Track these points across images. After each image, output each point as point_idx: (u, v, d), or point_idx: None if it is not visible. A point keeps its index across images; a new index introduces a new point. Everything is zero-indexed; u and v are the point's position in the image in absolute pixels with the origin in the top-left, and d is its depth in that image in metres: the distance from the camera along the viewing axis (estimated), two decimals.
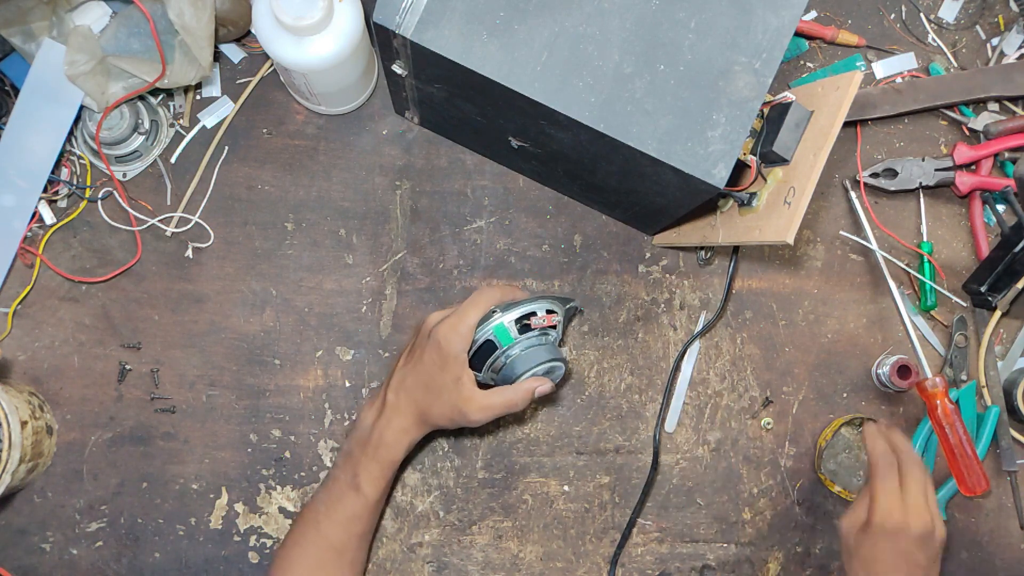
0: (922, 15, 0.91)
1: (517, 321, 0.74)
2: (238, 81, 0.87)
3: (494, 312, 0.73)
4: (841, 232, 0.88)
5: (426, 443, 0.85)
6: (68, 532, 0.82)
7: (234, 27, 0.82)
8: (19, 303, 0.83)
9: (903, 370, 0.84)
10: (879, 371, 0.86)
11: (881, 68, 0.90)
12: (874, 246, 0.85)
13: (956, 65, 0.90)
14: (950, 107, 0.89)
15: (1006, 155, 0.88)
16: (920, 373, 0.83)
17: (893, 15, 0.91)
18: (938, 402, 0.81)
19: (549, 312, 0.74)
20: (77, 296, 0.84)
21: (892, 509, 0.69)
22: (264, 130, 0.86)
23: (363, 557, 0.78)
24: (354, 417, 0.85)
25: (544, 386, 0.73)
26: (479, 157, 0.87)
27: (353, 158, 0.87)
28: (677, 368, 0.87)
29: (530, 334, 0.74)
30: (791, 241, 0.64)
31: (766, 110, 0.71)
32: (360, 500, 0.74)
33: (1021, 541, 0.87)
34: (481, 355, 0.74)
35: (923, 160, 0.88)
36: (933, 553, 0.70)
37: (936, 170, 0.88)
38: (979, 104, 0.89)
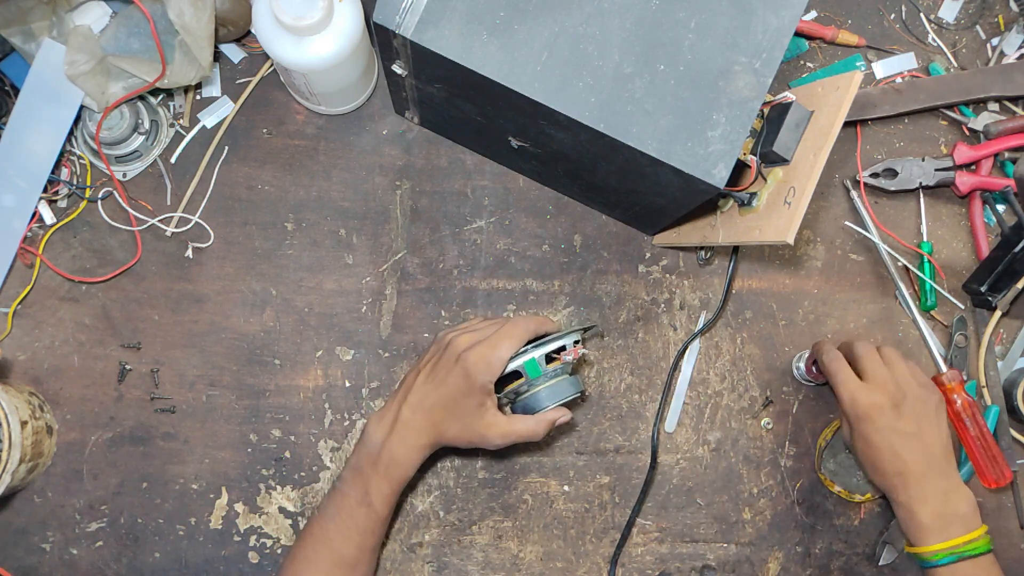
0: (922, 15, 0.91)
1: (546, 355, 0.73)
2: (238, 81, 0.87)
3: (526, 346, 0.73)
4: (845, 223, 0.88)
5: None
6: (68, 532, 0.82)
7: (234, 27, 0.82)
8: (19, 303, 0.83)
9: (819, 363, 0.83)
10: (797, 364, 0.86)
11: (881, 68, 0.90)
12: (876, 238, 0.86)
13: (956, 65, 0.90)
14: (950, 107, 0.89)
15: (1006, 155, 0.88)
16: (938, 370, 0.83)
17: (893, 15, 0.91)
18: (956, 396, 0.81)
19: (576, 343, 0.75)
20: (77, 296, 0.84)
21: (886, 380, 0.77)
22: (264, 130, 0.87)
23: (374, 567, 0.78)
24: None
25: (565, 417, 0.74)
26: (479, 157, 0.87)
27: (353, 158, 0.87)
28: (677, 368, 0.87)
29: (556, 366, 0.74)
30: (791, 241, 0.64)
31: (766, 110, 0.71)
32: (372, 516, 0.73)
33: (1021, 541, 0.87)
34: (505, 379, 0.74)
35: (923, 160, 0.88)
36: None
37: (936, 170, 0.88)
38: (979, 104, 0.89)
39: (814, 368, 0.83)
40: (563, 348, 0.74)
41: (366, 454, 0.73)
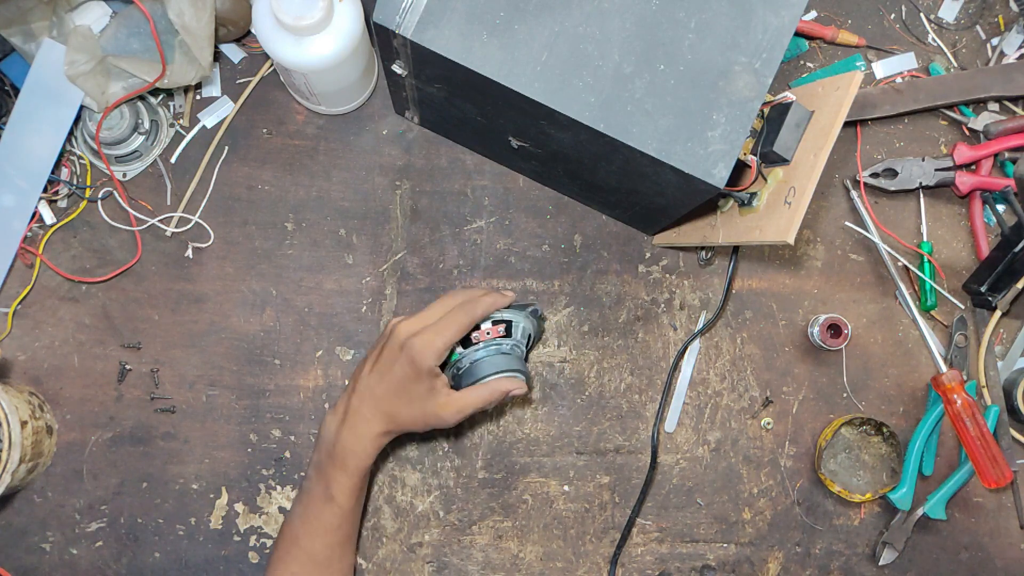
0: (922, 15, 0.91)
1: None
2: (238, 81, 0.87)
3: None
4: (845, 223, 0.88)
5: (426, 443, 0.85)
6: (68, 532, 0.82)
7: (234, 27, 0.82)
8: (19, 303, 0.83)
9: (833, 328, 0.85)
10: (812, 329, 0.87)
11: (881, 68, 0.90)
12: (876, 238, 0.86)
13: (956, 65, 0.90)
14: (950, 107, 0.89)
15: (1006, 155, 0.88)
16: (937, 368, 0.83)
17: (893, 15, 0.91)
18: (955, 396, 0.81)
19: (496, 323, 0.74)
20: (77, 296, 0.84)
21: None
22: (264, 130, 0.87)
23: (349, 561, 0.77)
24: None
25: (518, 389, 0.73)
26: (479, 157, 0.87)
27: (353, 158, 0.87)
28: (677, 368, 0.87)
29: (478, 346, 0.74)
30: (791, 241, 0.64)
31: (766, 110, 0.71)
32: (336, 511, 0.73)
33: (1021, 541, 0.87)
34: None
35: (923, 160, 0.88)
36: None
37: (936, 170, 0.88)
38: (979, 104, 0.89)
39: (828, 333, 0.85)
40: (477, 328, 0.73)
41: (324, 449, 0.74)
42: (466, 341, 0.74)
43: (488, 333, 0.74)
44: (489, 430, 0.86)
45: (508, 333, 0.75)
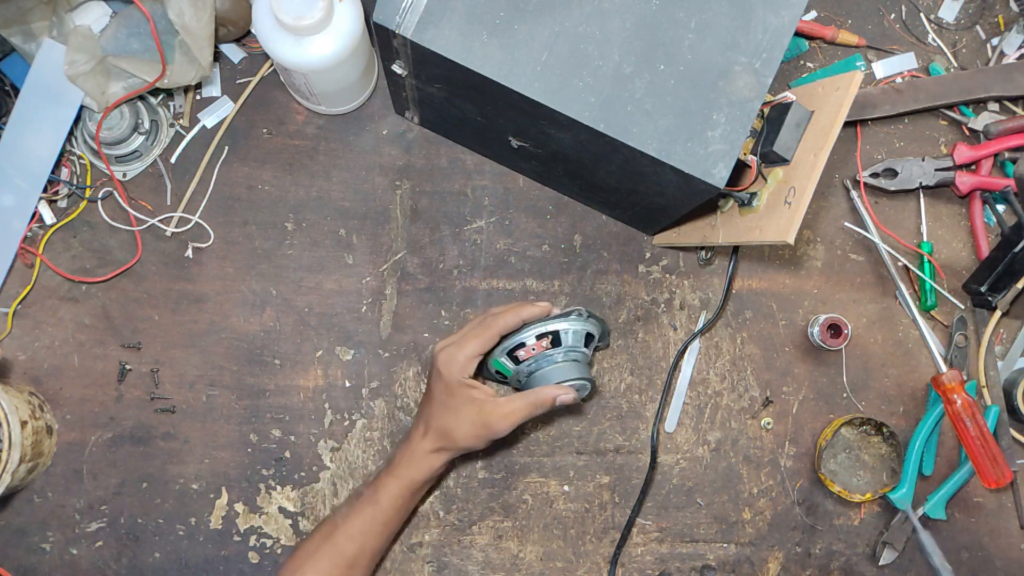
0: (922, 15, 0.91)
1: (509, 354, 0.75)
2: (238, 81, 0.87)
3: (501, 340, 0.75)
4: (845, 224, 0.88)
5: None
6: (68, 532, 0.82)
7: (234, 27, 0.82)
8: (19, 303, 0.83)
9: (833, 328, 0.85)
10: (812, 329, 0.86)
11: (881, 68, 0.90)
12: (876, 238, 0.86)
13: (956, 65, 0.90)
14: (950, 107, 0.89)
15: (1006, 155, 0.88)
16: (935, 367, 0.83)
17: (893, 15, 0.91)
18: (955, 396, 0.81)
19: (540, 338, 0.75)
20: (77, 296, 0.84)
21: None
22: (264, 130, 0.86)
23: (371, 574, 0.78)
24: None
25: (566, 395, 0.74)
26: (479, 157, 0.87)
27: (353, 158, 0.87)
28: (677, 368, 0.87)
29: (528, 362, 0.75)
30: (791, 241, 0.64)
31: (766, 110, 0.71)
32: (377, 515, 0.74)
33: (1021, 541, 0.87)
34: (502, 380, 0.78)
35: (923, 160, 0.88)
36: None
37: (936, 170, 0.88)
38: (979, 104, 0.89)
39: (828, 333, 0.85)
40: (523, 346, 0.75)
41: (386, 458, 0.77)
42: (518, 360, 0.75)
43: (533, 349, 0.75)
44: None
45: (558, 343, 0.75)
